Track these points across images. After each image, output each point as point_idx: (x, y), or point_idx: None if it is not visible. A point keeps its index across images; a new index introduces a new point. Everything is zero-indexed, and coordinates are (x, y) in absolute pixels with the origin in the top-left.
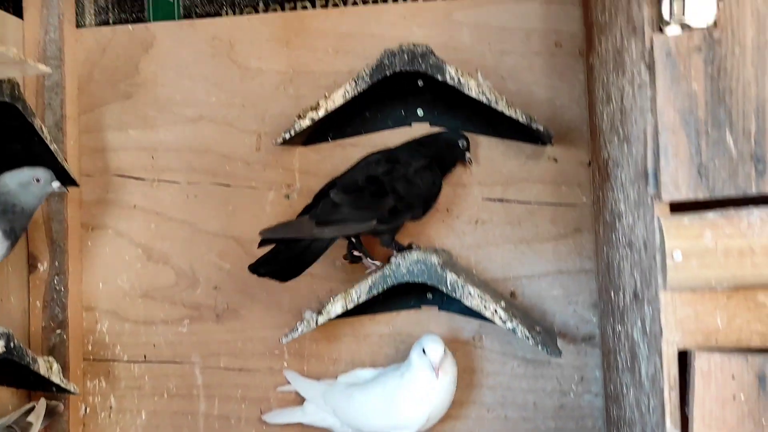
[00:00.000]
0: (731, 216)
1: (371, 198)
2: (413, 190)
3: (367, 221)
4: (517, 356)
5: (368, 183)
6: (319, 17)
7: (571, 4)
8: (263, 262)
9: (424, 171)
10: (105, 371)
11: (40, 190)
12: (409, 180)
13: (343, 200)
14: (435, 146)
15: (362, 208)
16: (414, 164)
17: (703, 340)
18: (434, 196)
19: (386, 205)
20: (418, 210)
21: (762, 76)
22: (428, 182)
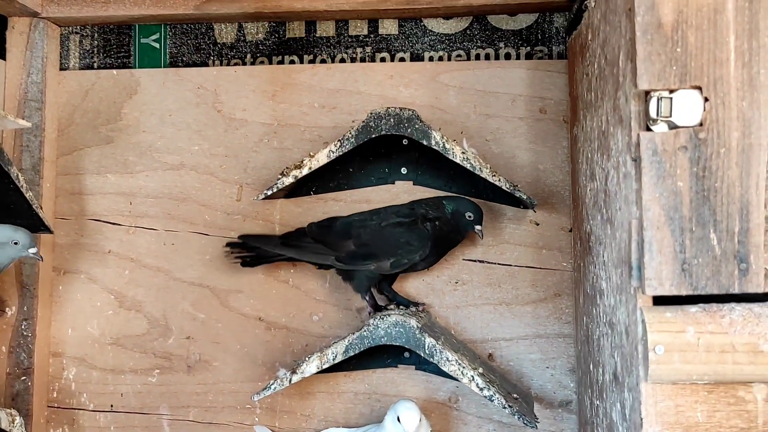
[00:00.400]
0: (714, 312)
1: (335, 237)
2: (378, 241)
3: (323, 255)
4: (493, 419)
5: (339, 225)
6: (306, 72)
7: (557, 73)
8: (245, 246)
9: (399, 227)
10: (69, 420)
11: (16, 253)
12: (375, 231)
13: (312, 232)
14: (435, 210)
15: (325, 244)
16: (392, 219)
17: None
18: (405, 253)
19: (346, 247)
20: (383, 262)
21: (746, 177)
22: (397, 237)
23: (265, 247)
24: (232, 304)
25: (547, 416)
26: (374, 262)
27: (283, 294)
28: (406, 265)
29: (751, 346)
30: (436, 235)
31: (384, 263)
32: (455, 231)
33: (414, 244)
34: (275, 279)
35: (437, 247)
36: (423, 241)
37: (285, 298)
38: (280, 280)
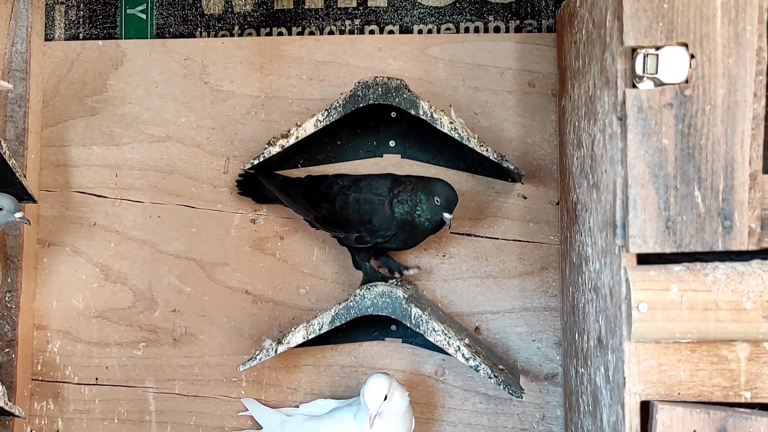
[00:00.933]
0: (697, 270)
1: (317, 196)
2: (346, 213)
3: (306, 211)
4: (479, 392)
5: (325, 185)
6: (295, 44)
7: (545, 46)
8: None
9: (367, 203)
10: (54, 393)
11: (1, 219)
12: (347, 201)
13: (303, 186)
14: (410, 192)
15: (309, 200)
16: (364, 193)
17: (665, 391)
18: (366, 231)
19: (322, 210)
20: (350, 234)
21: (731, 134)
22: (362, 213)
23: (267, 184)
24: (218, 277)
25: (533, 389)
26: (342, 233)
27: (270, 267)
28: (367, 243)
29: (734, 304)
30: (403, 219)
31: (350, 235)
32: (427, 218)
33: (375, 225)
34: (262, 252)
35: (406, 233)
36: (385, 224)
37: (272, 271)
38: (267, 253)
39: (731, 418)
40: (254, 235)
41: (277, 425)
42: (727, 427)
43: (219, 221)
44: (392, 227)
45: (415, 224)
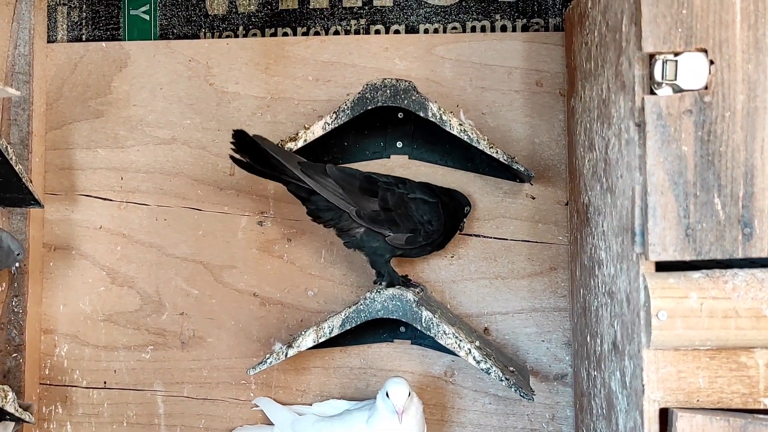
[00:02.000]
0: (717, 277)
1: (359, 190)
2: (402, 211)
3: (344, 202)
4: (489, 393)
5: (364, 179)
6: (300, 45)
7: (553, 45)
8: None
9: (424, 203)
10: (62, 397)
11: (11, 262)
12: (402, 199)
13: (335, 175)
14: (448, 197)
15: (348, 191)
16: (417, 194)
17: (684, 399)
18: (423, 231)
19: (369, 206)
20: (400, 234)
21: (751, 141)
22: (422, 213)
23: (284, 161)
24: (225, 279)
25: (543, 389)
26: (392, 231)
27: (278, 269)
28: (416, 244)
29: (754, 311)
30: (446, 223)
31: (400, 236)
32: (456, 224)
33: (434, 225)
34: (270, 254)
35: (444, 235)
36: (440, 225)
37: (279, 274)
38: (274, 256)
39: (751, 425)
40: (261, 238)
41: (288, 424)
42: None
43: (226, 224)
44: (442, 230)
45: (452, 231)
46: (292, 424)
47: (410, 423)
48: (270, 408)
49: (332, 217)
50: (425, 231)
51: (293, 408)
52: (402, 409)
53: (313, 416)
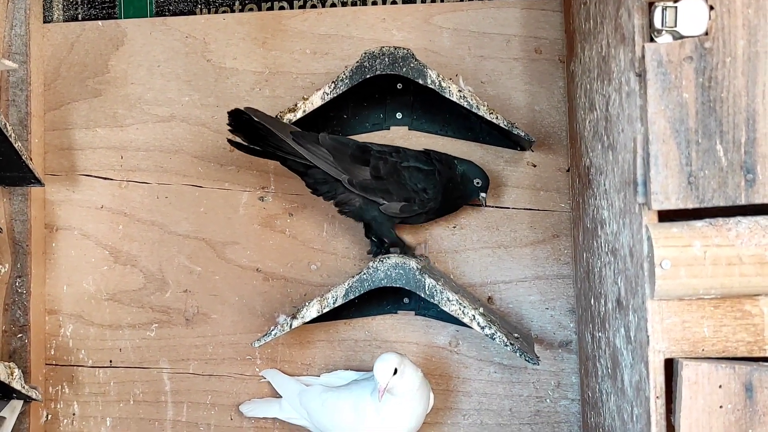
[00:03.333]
0: (720, 225)
1: (350, 159)
2: (395, 179)
3: (336, 170)
4: (494, 362)
5: (356, 148)
6: (297, 18)
7: (551, 11)
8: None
9: (418, 171)
10: (68, 377)
11: None
12: (394, 167)
13: (326, 144)
14: (446, 166)
15: (339, 160)
16: (411, 162)
17: (689, 348)
18: (418, 199)
19: (361, 174)
20: (393, 202)
21: (752, 86)
22: (416, 181)
23: (277, 132)
24: (228, 255)
25: (548, 357)
26: (385, 199)
27: (280, 244)
28: (412, 213)
29: (758, 258)
30: (445, 191)
31: (394, 204)
32: (460, 194)
33: (429, 193)
34: (272, 229)
35: (443, 204)
36: (436, 193)
37: (282, 248)
38: (276, 231)
39: (756, 372)
40: (263, 213)
41: (295, 395)
42: (753, 381)
43: (227, 200)
44: (439, 199)
45: (454, 200)
46: (300, 395)
47: (405, 399)
48: (277, 379)
49: (329, 189)
50: (420, 199)
51: (300, 379)
52: (383, 387)
53: (320, 387)
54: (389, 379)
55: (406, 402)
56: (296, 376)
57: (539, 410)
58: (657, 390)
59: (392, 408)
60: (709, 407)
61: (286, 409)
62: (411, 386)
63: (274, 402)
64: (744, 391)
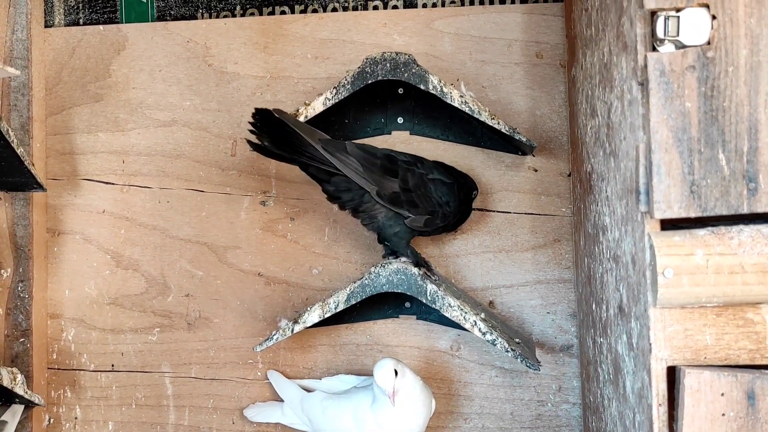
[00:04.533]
0: (722, 234)
1: (380, 170)
2: (422, 192)
3: (366, 181)
4: (495, 366)
5: (384, 158)
6: (298, 22)
7: (552, 16)
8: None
9: (442, 185)
10: (70, 381)
11: None
12: (421, 180)
13: (355, 152)
14: (461, 178)
15: (369, 170)
16: (435, 174)
17: (692, 356)
18: (441, 213)
19: (390, 187)
20: (419, 216)
21: (755, 95)
22: (440, 194)
23: (307, 137)
24: (230, 260)
25: (549, 361)
26: (411, 212)
27: (282, 248)
28: (435, 226)
29: (760, 267)
30: (460, 204)
31: (419, 218)
32: (468, 208)
33: (451, 206)
34: (273, 234)
35: (459, 217)
36: (456, 207)
37: (284, 253)
38: (278, 235)
39: (758, 380)
40: (264, 217)
41: (297, 400)
42: (755, 389)
43: (229, 204)
44: (457, 211)
45: (465, 211)
46: (301, 401)
47: (408, 401)
48: (279, 383)
49: (352, 197)
50: (443, 212)
51: (303, 382)
52: (393, 392)
53: (321, 394)
54: (394, 382)
55: (406, 410)
56: (298, 379)
57: (540, 414)
58: (659, 398)
59: (392, 417)
60: (712, 415)
61: (289, 415)
62: (412, 391)
63: (277, 407)
64: (746, 399)
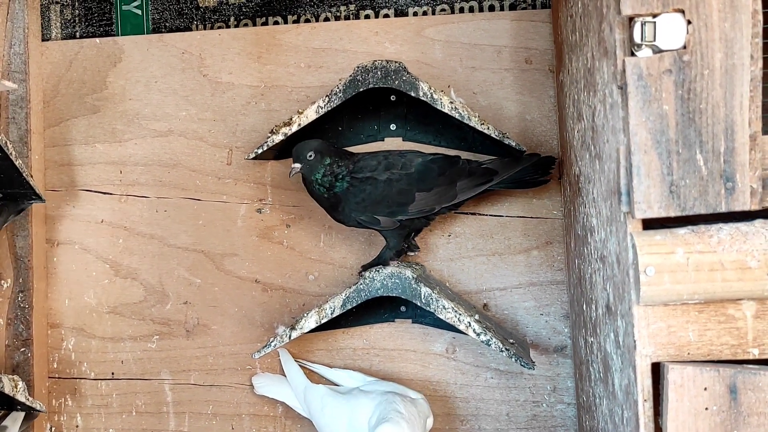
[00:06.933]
0: (702, 232)
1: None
2: (363, 201)
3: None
4: (490, 367)
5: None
6: (291, 32)
7: (540, 22)
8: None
9: (396, 182)
10: (71, 389)
11: None
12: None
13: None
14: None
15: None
16: (386, 174)
17: (675, 352)
18: (402, 203)
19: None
20: (382, 217)
21: (730, 97)
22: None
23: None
24: (227, 267)
25: (543, 362)
26: (375, 222)
27: (278, 255)
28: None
29: (739, 264)
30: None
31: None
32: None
33: (410, 197)
34: (269, 241)
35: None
36: (408, 199)
37: (280, 259)
38: (274, 242)
39: (740, 374)
40: (261, 225)
41: (301, 388)
42: (737, 383)
43: (225, 212)
44: (424, 200)
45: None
46: (305, 390)
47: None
48: (288, 367)
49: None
50: (398, 203)
51: (314, 366)
52: None
53: (323, 388)
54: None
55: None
56: (309, 361)
57: (536, 415)
58: (645, 393)
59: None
60: (695, 409)
61: (292, 399)
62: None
63: (285, 384)
64: (728, 393)
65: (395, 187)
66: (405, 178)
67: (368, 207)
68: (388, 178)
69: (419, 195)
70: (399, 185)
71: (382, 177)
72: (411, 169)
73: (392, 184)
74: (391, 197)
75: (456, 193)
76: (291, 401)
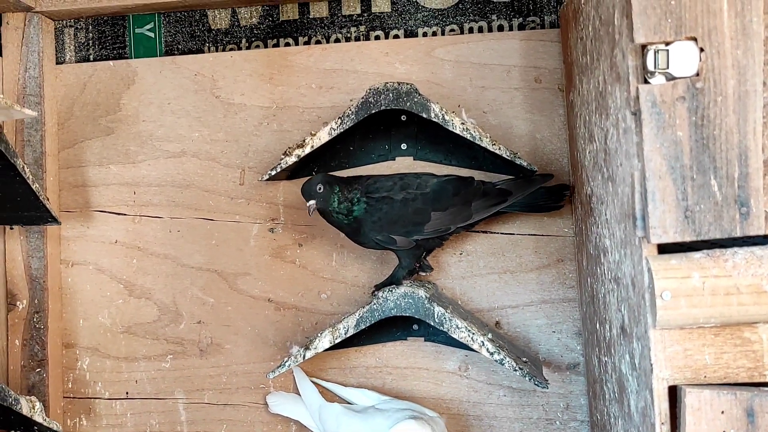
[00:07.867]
0: (717, 256)
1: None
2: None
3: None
4: (503, 385)
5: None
6: (302, 54)
7: (550, 42)
8: None
9: (412, 201)
10: (86, 409)
11: None
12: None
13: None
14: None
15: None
16: (402, 194)
17: (692, 375)
18: (417, 223)
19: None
20: (398, 242)
21: (743, 123)
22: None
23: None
24: (240, 286)
25: (556, 380)
26: (392, 243)
27: (291, 274)
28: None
29: (755, 288)
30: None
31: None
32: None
33: (426, 216)
34: (282, 260)
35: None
36: (445, 213)
37: (292, 278)
38: (287, 261)
39: (757, 397)
40: (273, 244)
41: (315, 406)
42: (754, 407)
43: (238, 232)
44: (439, 219)
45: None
46: (320, 408)
47: None
48: (303, 385)
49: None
50: (414, 222)
51: (328, 385)
52: None
53: (338, 407)
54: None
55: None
56: (323, 380)
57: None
58: (662, 416)
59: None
60: None
61: (306, 418)
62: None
63: (299, 402)
64: (746, 417)
65: (411, 207)
66: (420, 197)
67: (384, 226)
68: (404, 197)
69: (435, 215)
70: (415, 205)
71: (398, 197)
72: (426, 189)
73: (408, 204)
74: (407, 217)
75: (471, 213)
76: (305, 420)
